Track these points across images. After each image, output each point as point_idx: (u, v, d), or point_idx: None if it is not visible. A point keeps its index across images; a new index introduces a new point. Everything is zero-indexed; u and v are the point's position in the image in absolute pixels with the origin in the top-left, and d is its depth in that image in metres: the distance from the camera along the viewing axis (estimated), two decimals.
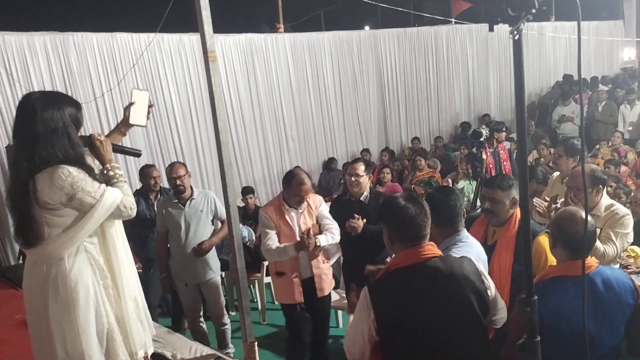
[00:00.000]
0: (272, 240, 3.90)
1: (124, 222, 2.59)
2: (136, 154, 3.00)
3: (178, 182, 4.37)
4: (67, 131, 2.34)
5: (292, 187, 3.92)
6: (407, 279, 2.24)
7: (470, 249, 2.64)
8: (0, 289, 5.44)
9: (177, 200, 4.45)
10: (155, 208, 4.88)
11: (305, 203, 4.00)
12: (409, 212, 2.24)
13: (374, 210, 3.93)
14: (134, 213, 2.53)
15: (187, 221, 4.41)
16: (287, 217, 3.97)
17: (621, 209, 3.36)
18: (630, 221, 3.33)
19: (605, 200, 3.42)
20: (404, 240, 2.27)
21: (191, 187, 4.52)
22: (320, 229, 4.02)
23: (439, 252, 2.31)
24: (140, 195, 4.97)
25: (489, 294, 2.28)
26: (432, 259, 2.24)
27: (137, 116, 2.77)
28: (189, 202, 4.44)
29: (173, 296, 4.86)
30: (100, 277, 2.46)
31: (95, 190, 2.35)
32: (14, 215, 2.42)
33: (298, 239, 3.91)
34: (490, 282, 2.32)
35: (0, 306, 4.88)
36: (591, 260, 2.41)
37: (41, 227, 2.34)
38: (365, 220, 3.93)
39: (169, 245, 4.62)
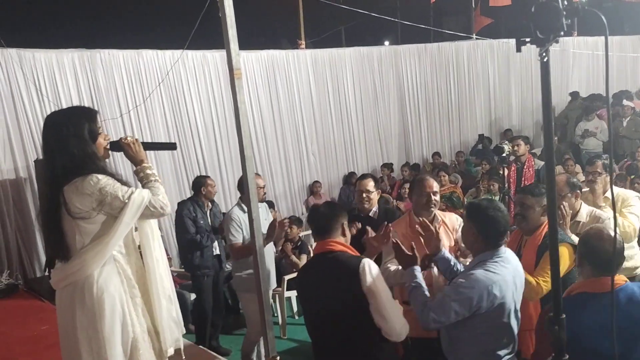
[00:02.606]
0: (393, 262, 3.28)
1: (180, 231, 2.70)
2: (171, 147, 3.08)
3: (262, 192, 4.45)
4: (84, 143, 2.43)
5: (415, 190, 3.46)
6: (308, 266, 2.90)
7: (506, 264, 2.64)
8: (26, 301, 5.52)
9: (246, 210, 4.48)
10: (209, 217, 5.09)
11: (440, 219, 3.48)
12: (317, 210, 2.83)
13: None
14: (167, 212, 2.58)
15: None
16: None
17: (603, 214, 3.63)
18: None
19: (585, 207, 3.69)
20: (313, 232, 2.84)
21: None
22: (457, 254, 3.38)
23: (342, 248, 2.67)
24: (195, 203, 5.06)
25: (370, 297, 2.51)
26: (329, 253, 2.65)
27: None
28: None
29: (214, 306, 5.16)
30: (128, 286, 2.51)
31: (123, 193, 2.41)
32: (46, 231, 2.49)
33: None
34: (370, 282, 2.51)
35: (26, 318, 4.95)
36: (618, 277, 2.38)
37: (72, 239, 2.41)
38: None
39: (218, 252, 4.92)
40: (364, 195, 4.03)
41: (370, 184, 4.06)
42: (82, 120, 2.47)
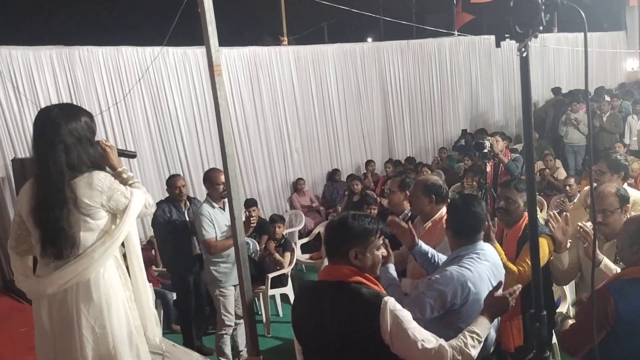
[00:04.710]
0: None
1: (157, 233, 2.65)
2: (132, 155, 3.26)
3: (224, 187, 4.43)
4: (89, 139, 2.50)
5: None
6: (310, 291, 2.35)
7: (484, 260, 2.65)
8: (5, 303, 5.43)
9: (220, 206, 4.50)
10: (188, 216, 5.00)
11: (438, 218, 3.31)
12: (330, 224, 2.33)
13: None
14: (153, 210, 2.78)
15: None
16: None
17: None
18: None
19: None
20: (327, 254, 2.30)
21: None
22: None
23: (358, 279, 2.15)
24: (171, 204, 5.02)
25: (384, 336, 2.06)
26: (341, 283, 2.15)
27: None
28: (225, 206, 4.51)
29: (196, 306, 5.05)
30: (125, 280, 2.60)
31: (125, 190, 2.53)
32: (47, 226, 2.40)
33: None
34: (389, 327, 2.05)
35: (5, 320, 4.87)
36: None
37: (77, 234, 2.42)
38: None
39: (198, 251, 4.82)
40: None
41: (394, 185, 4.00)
42: (93, 122, 2.58)
